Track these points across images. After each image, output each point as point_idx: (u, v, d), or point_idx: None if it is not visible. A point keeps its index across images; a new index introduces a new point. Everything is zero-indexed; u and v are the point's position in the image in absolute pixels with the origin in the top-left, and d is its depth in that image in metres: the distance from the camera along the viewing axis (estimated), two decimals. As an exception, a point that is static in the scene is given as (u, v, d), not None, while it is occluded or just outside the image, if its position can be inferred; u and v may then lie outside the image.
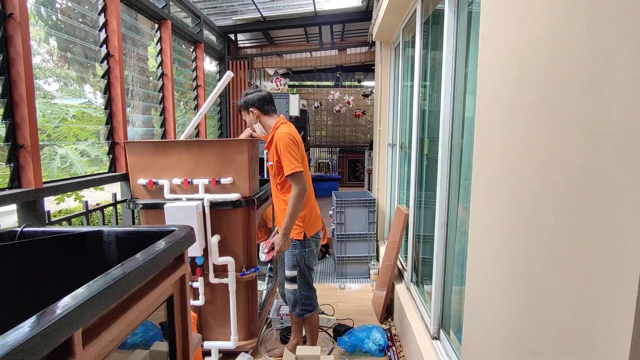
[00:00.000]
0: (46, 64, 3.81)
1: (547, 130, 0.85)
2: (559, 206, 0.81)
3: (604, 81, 0.67)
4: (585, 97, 0.72)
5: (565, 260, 0.79)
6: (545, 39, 0.87)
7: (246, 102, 2.28)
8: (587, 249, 0.71)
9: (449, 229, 2.01)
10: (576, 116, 0.75)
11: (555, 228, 0.82)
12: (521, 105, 0.97)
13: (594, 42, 0.70)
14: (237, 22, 4.56)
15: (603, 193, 0.67)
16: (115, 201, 2.42)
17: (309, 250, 2.27)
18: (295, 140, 2.17)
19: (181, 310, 1.30)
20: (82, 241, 1.40)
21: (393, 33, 3.59)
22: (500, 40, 1.12)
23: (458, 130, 1.92)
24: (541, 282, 0.88)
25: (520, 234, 0.97)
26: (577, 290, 0.74)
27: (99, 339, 0.81)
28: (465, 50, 1.88)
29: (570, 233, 0.77)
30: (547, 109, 0.85)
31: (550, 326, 0.84)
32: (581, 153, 0.73)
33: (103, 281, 0.84)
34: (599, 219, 0.68)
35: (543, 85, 0.87)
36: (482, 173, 1.25)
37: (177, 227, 1.35)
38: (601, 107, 0.68)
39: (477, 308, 1.29)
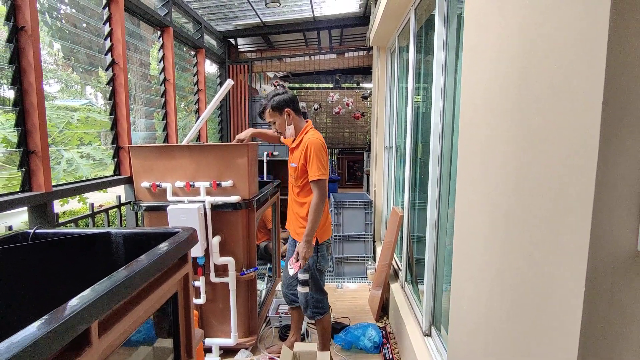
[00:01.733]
0: (48, 65, 3.90)
1: (519, 140, 0.94)
2: (527, 211, 0.90)
3: (565, 102, 0.76)
4: (546, 116, 0.81)
5: (531, 260, 0.88)
6: (519, 55, 0.96)
7: (281, 102, 2.26)
8: (548, 251, 0.81)
9: (439, 230, 2.10)
10: (539, 130, 0.84)
11: (524, 231, 0.92)
12: (495, 116, 1.06)
13: (564, 61, 0.79)
14: (238, 27, 4.65)
15: (559, 198, 0.76)
16: (120, 203, 2.51)
17: (320, 254, 2.30)
18: (325, 147, 2.22)
19: (185, 306, 1.39)
20: (91, 242, 1.49)
21: (389, 39, 3.68)
22: (481, 56, 1.21)
23: (448, 136, 2.01)
24: (513, 280, 0.97)
25: (499, 236, 1.06)
26: (543, 287, 0.83)
27: (112, 330, 0.90)
28: (455, 58, 1.97)
29: (535, 236, 0.86)
30: (517, 121, 0.95)
31: (521, 319, 0.93)
32: (543, 161, 0.82)
33: (115, 278, 0.93)
34: (555, 224, 0.77)
35: (513, 100, 0.96)
36: (465, 178, 1.34)
37: (181, 228, 1.44)
38: (559, 125, 0.77)
39: (461, 305, 1.38)
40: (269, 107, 2.29)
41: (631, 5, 0.62)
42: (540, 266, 0.84)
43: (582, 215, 0.68)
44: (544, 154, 0.82)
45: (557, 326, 0.77)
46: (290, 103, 2.28)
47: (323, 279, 2.38)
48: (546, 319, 0.80)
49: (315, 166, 2.14)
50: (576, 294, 0.70)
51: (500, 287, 1.04)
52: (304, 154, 2.20)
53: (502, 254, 1.04)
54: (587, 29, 0.68)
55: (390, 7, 2.79)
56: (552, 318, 0.78)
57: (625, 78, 0.64)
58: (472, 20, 1.30)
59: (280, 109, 2.28)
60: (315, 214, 2.15)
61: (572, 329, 0.71)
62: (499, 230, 1.05)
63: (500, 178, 1.04)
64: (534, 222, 0.86)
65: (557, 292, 0.77)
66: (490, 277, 1.12)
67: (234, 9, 4.10)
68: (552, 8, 0.80)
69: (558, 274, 0.77)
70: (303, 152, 2.21)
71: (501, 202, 1.04)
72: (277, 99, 2.28)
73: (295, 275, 2.36)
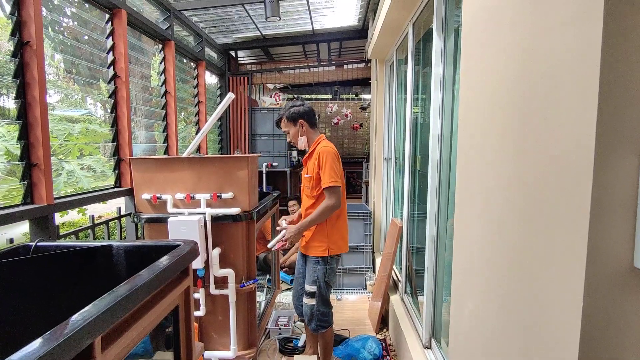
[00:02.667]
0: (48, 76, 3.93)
1: (513, 155, 0.96)
2: (525, 225, 0.91)
3: (559, 115, 0.78)
4: (541, 130, 0.83)
5: (531, 274, 0.89)
6: (515, 72, 0.98)
7: (295, 113, 2.34)
8: (547, 266, 0.82)
9: (439, 242, 2.11)
10: (533, 143, 0.86)
11: (523, 245, 0.93)
12: (493, 130, 1.09)
13: (556, 72, 0.81)
14: (238, 39, 4.71)
15: (555, 214, 0.78)
16: (120, 215, 2.52)
17: (330, 268, 2.29)
18: (338, 156, 2.24)
19: (185, 319, 1.39)
20: (92, 255, 1.49)
21: (387, 52, 3.73)
22: (478, 74, 1.23)
23: (447, 148, 2.04)
24: (512, 295, 0.98)
25: (497, 250, 1.08)
26: (542, 302, 0.84)
27: (115, 344, 0.90)
28: (453, 71, 2.00)
29: (535, 249, 0.87)
30: (512, 136, 0.97)
31: (520, 334, 0.94)
32: (539, 176, 0.84)
33: (117, 293, 0.93)
34: (556, 238, 0.79)
35: (509, 111, 0.98)
36: (464, 191, 1.36)
37: (182, 241, 1.45)
38: (554, 138, 0.79)
39: (462, 318, 1.39)
40: (285, 117, 2.38)
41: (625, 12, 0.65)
42: (538, 281, 0.85)
43: (579, 231, 0.70)
44: (540, 168, 0.83)
45: (556, 341, 0.78)
46: (304, 115, 2.35)
47: (329, 293, 2.38)
48: (545, 335, 0.81)
49: (328, 173, 2.17)
50: (574, 310, 0.71)
51: (500, 302, 1.05)
52: (317, 162, 2.24)
53: (501, 267, 1.05)
54: (581, 39, 0.71)
55: (389, 22, 2.84)
56: (551, 333, 0.79)
57: (617, 97, 0.66)
58: (470, 35, 1.33)
59: (294, 119, 2.36)
60: (317, 215, 2.18)
61: (571, 345, 0.72)
62: (498, 243, 1.06)
63: (498, 192, 1.06)
64: (531, 236, 0.88)
65: (556, 308, 0.78)
66: (489, 291, 1.13)
67: (234, 22, 4.15)
68: (549, 28, 0.82)
69: (556, 290, 0.78)
70: (316, 161, 2.25)
71: (499, 216, 1.05)
72: (293, 110, 2.36)
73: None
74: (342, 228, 2.36)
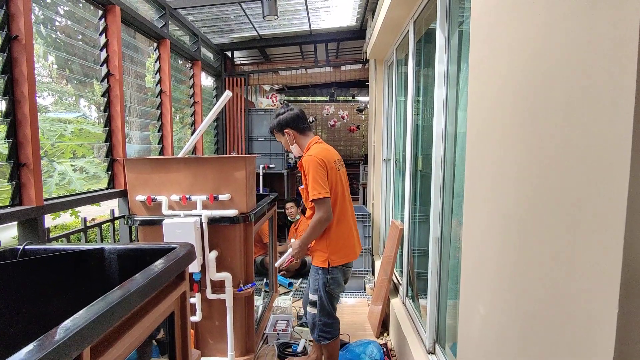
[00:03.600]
0: (42, 78, 3.85)
1: (534, 151, 0.91)
2: (546, 222, 0.86)
3: (579, 111, 0.72)
4: (561, 123, 0.78)
5: (547, 271, 0.83)
6: (529, 64, 0.93)
7: (280, 122, 2.22)
8: (566, 263, 0.76)
9: (443, 244, 2.05)
10: (557, 138, 0.80)
11: (543, 247, 0.87)
12: (506, 126, 1.03)
13: (574, 67, 0.76)
14: (234, 39, 4.65)
15: (578, 209, 0.72)
16: (113, 217, 2.44)
17: (332, 277, 2.19)
18: (324, 163, 2.09)
19: (181, 326, 1.32)
20: (83, 258, 1.42)
21: (387, 52, 3.69)
22: (489, 67, 1.18)
23: (450, 148, 1.98)
24: (531, 296, 0.92)
25: (512, 253, 1.02)
26: (566, 303, 0.78)
27: (106, 355, 0.84)
28: (457, 70, 1.95)
29: (556, 252, 0.82)
30: (530, 130, 0.91)
31: (541, 339, 0.88)
32: (563, 168, 0.78)
33: (108, 301, 0.87)
34: (580, 239, 0.73)
35: (526, 106, 0.93)
36: (473, 190, 1.30)
37: (178, 244, 1.38)
38: (575, 133, 0.73)
39: (471, 323, 1.33)
40: (272, 128, 2.29)
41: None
42: (561, 283, 0.79)
43: (612, 229, 0.64)
44: (564, 161, 0.78)
45: (585, 346, 0.72)
46: (290, 123, 2.23)
47: (334, 304, 2.28)
48: (572, 338, 0.75)
49: (312, 185, 2.07)
50: (608, 310, 0.65)
51: (516, 304, 0.99)
52: (303, 174, 2.16)
53: (517, 270, 0.99)
54: (612, 31, 0.65)
55: (389, 20, 2.79)
56: (578, 337, 0.73)
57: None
58: (479, 30, 1.28)
59: (280, 129, 2.27)
60: (310, 232, 2.11)
61: (605, 348, 0.66)
62: (513, 242, 1.00)
63: (513, 188, 1.00)
64: (553, 233, 0.82)
65: (584, 308, 0.72)
66: (504, 293, 1.07)
67: (230, 22, 4.09)
68: (569, 14, 0.77)
69: (585, 287, 0.72)
70: (303, 171, 2.17)
71: (515, 214, 0.99)
72: (276, 121, 2.26)
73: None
74: (345, 235, 2.23)
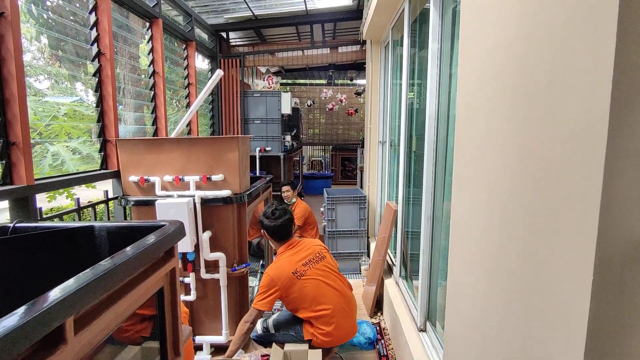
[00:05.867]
0: (37, 61, 3.81)
1: (518, 129, 0.90)
2: (527, 203, 0.86)
3: (568, 86, 0.72)
4: (548, 101, 0.77)
5: (532, 253, 0.83)
6: (518, 42, 0.91)
7: (263, 224, 2.22)
8: (551, 241, 0.76)
9: (434, 223, 2.06)
10: (540, 118, 0.80)
11: (524, 223, 0.87)
12: (495, 106, 1.02)
13: (565, 46, 0.75)
14: (229, 20, 4.57)
15: (559, 188, 0.72)
16: (107, 198, 2.44)
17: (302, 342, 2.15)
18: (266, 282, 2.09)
19: (171, 302, 1.34)
20: (73, 236, 1.43)
21: (383, 32, 3.63)
22: (478, 44, 1.16)
23: (443, 128, 1.97)
24: (512, 272, 0.93)
25: (496, 229, 1.02)
26: (545, 280, 0.79)
27: (90, 327, 0.84)
28: (450, 50, 1.93)
29: (537, 228, 0.82)
30: (516, 110, 0.90)
31: (520, 313, 0.89)
32: (545, 148, 0.78)
33: (94, 272, 0.87)
34: (559, 214, 0.73)
35: (511, 87, 0.92)
36: (461, 169, 1.30)
37: (168, 222, 1.38)
38: (562, 110, 0.73)
39: (458, 300, 1.34)
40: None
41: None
42: (541, 257, 0.80)
43: (590, 204, 0.64)
44: (546, 141, 0.77)
45: (561, 321, 0.73)
46: (267, 229, 2.21)
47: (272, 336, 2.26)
48: (549, 313, 0.76)
49: (257, 294, 2.11)
50: (583, 287, 0.66)
51: (498, 280, 1.00)
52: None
53: (500, 245, 1.00)
54: (593, 9, 0.64)
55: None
56: (555, 312, 0.74)
57: (637, 57, 0.59)
58: (469, 7, 1.25)
59: (261, 228, 2.26)
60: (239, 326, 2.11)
61: (578, 323, 0.67)
62: (497, 221, 1.01)
63: (498, 167, 1.00)
64: (534, 211, 0.82)
65: (560, 285, 0.73)
66: (487, 270, 1.08)
67: (225, 1, 4.02)
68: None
69: (561, 265, 0.72)
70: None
71: (499, 192, 1.00)
72: (260, 220, 2.24)
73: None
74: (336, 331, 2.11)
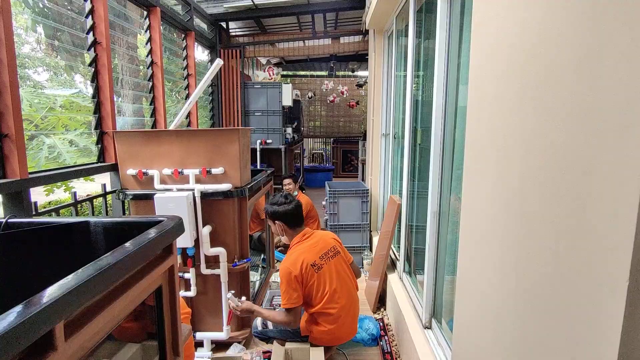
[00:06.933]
0: (35, 53, 3.73)
1: (535, 118, 0.84)
2: (545, 195, 0.80)
3: (592, 72, 0.65)
4: (573, 87, 0.71)
5: (551, 248, 0.78)
6: (534, 27, 0.85)
7: (273, 213, 2.17)
8: (572, 237, 0.71)
9: (441, 218, 2.00)
10: (561, 106, 0.74)
11: (542, 216, 0.82)
12: (510, 96, 0.96)
13: (584, 30, 0.68)
14: (229, 9, 4.48)
15: (587, 182, 0.66)
16: (105, 192, 2.38)
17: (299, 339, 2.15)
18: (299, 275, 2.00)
19: (170, 301, 1.29)
20: (68, 232, 1.37)
21: (386, 21, 3.55)
22: (491, 29, 1.10)
23: (450, 120, 1.91)
24: (529, 271, 0.87)
25: (511, 222, 0.97)
26: (567, 282, 0.73)
27: (82, 331, 0.79)
28: (459, 39, 1.85)
29: (556, 221, 0.76)
30: (535, 99, 0.84)
31: (539, 314, 0.83)
32: (566, 142, 0.72)
33: (86, 272, 0.82)
34: (583, 207, 0.67)
35: (531, 75, 0.85)
36: (473, 163, 1.24)
37: (166, 217, 1.33)
38: (588, 97, 0.66)
39: (468, 297, 1.29)
40: (265, 214, 2.21)
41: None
42: (565, 257, 0.74)
43: (624, 200, 0.58)
44: (575, 133, 0.71)
45: (589, 327, 0.67)
46: (282, 217, 2.16)
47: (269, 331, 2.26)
48: (575, 318, 0.71)
49: (283, 293, 2.03)
50: (616, 292, 0.60)
51: (515, 279, 0.95)
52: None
53: (517, 242, 0.94)
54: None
55: (389, -14, 2.66)
56: (583, 317, 0.69)
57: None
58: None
59: (272, 219, 2.20)
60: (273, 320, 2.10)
61: (610, 330, 0.61)
62: (514, 216, 0.95)
63: (516, 159, 0.94)
64: (558, 207, 0.76)
65: (588, 288, 0.67)
66: (502, 268, 1.02)
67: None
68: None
69: (590, 267, 0.67)
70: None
71: (517, 186, 0.94)
72: (271, 210, 2.18)
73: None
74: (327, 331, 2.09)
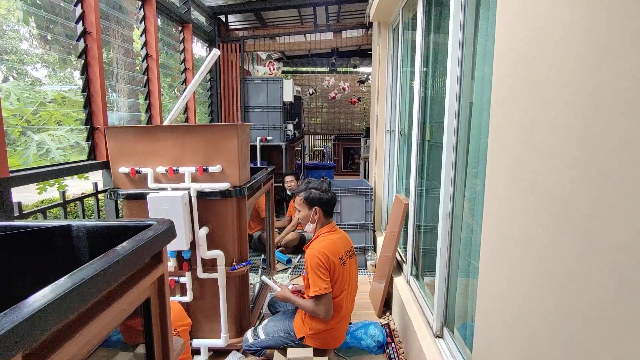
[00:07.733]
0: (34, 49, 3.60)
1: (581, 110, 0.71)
2: (596, 192, 0.67)
3: None
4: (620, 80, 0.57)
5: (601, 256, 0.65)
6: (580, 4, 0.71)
7: (314, 199, 2.11)
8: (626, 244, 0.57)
9: (454, 220, 1.87)
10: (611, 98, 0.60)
11: (590, 218, 0.69)
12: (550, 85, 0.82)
13: None
14: (228, 2, 4.34)
15: None
16: (96, 191, 2.25)
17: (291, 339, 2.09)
18: (327, 259, 1.97)
19: (160, 314, 1.16)
20: (48, 237, 1.24)
21: (392, 12, 3.40)
22: (520, 15, 0.96)
23: (465, 116, 1.77)
24: (570, 279, 0.74)
25: (548, 226, 0.84)
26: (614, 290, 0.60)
27: None
28: (474, 29, 1.72)
29: (609, 225, 0.63)
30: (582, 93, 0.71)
31: (578, 324, 0.70)
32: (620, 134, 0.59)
33: (55, 291, 0.69)
34: None
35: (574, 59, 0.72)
36: (499, 160, 1.11)
37: (156, 220, 1.20)
38: None
39: (492, 307, 1.16)
40: (303, 197, 2.13)
41: None
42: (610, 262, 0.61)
43: None
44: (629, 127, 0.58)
45: None
46: (324, 204, 2.12)
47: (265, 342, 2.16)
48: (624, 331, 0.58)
49: (313, 280, 1.95)
50: None
51: (548, 287, 0.82)
52: (305, 266, 2.03)
53: (551, 246, 0.81)
54: None
55: (396, -26, 2.52)
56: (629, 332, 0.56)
57: None
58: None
59: (311, 204, 2.11)
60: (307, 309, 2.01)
61: None
62: (548, 217, 0.82)
63: (552, 157, 0.81)
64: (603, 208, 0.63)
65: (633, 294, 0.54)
66: (531, 274, 0.89)
67: (223, -20, 3.79)
68: None
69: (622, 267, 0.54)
70: (305, 263, 2.04)
71: (553, 185, 0.81)
72: (312, 195, 2.11)
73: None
74: (335, 330, 2.07)
